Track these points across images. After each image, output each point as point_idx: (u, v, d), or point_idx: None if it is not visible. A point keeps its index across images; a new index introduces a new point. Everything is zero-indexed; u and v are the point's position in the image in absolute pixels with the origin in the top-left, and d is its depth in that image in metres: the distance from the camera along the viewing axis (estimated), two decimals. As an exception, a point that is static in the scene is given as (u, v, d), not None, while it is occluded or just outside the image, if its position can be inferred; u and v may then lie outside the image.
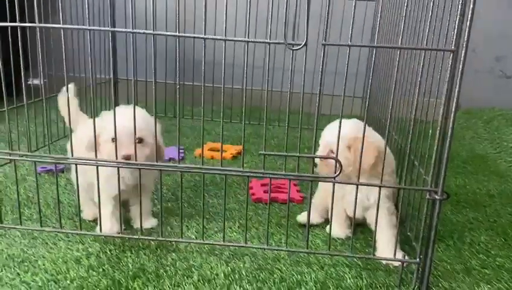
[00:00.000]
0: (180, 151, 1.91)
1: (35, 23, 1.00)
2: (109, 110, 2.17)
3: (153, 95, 0.99)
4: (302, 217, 1.31)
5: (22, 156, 1.15)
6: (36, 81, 1.63)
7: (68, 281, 0.98)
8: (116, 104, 2.17)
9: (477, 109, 2.69)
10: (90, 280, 0.99)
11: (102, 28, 1.07)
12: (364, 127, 1.01)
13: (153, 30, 0.95)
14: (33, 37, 1.41)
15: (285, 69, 2.20)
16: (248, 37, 0.94)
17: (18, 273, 1.00)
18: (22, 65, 1.13)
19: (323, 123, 1.13)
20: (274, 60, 2.02)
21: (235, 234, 1.24)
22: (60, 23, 0.98)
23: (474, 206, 1.53)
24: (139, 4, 2.07)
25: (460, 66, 0.89)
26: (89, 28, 0.97)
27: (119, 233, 1.16)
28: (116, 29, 0.99)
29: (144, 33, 0.95)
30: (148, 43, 1.10)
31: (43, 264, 1.03)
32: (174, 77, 2.37)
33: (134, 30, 0.95)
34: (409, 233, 1.21)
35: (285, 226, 1.19)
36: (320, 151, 1.16)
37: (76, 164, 1.05)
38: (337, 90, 2.28)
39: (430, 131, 1.01)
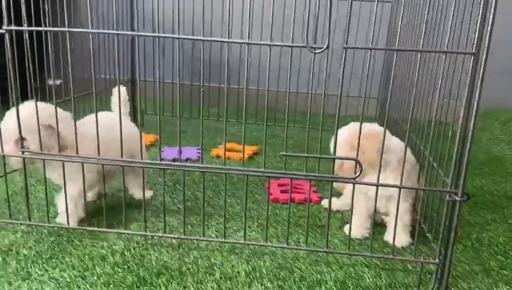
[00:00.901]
0: (198, 151, 1.94)
1: (59, 27, 1.04)
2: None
3: (168, 96, 1.02)
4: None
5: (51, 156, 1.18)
6: (57, 82, 1.67)
7: (95, 277, 1.01)
8: (134, 105, 2.21)
9: (493, 110, 2.67)
10: (116, 276, 1.02)
11: (129, 32, 1.10)
12: (385, 131, 1.03)
13: (178, 34, 0.98)
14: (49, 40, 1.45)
15: (301, 70, 2.22)
16: (270, 41, 0.96)
17: (46, 270, 1.03)
18: (45, 67, 1.17)
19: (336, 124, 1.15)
20: (290, 61, 2.04)
21: (254, 233, 1.26)
22: (75, 27, 1.01)
23: (491, 207, 1.53)
24: (155, 7, 2.11)
25: (481, 70, 0.90)
26: (115, 32, 1.00)
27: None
28: (141, 33, 1.02)
29: (169, 37, 0.98)
30: (166, 46, 1.13)
31: (70, 261, 1.07)
32: (190, 78, 2.40)
33: (160, 34, 0.98)
34: (428, 234, 1.22)
35: (303, 225, 1.21)
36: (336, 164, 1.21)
37: (102, 164, 1.08)
38: (352, 91, 2.29)
39: (450, 133, 1.02)
